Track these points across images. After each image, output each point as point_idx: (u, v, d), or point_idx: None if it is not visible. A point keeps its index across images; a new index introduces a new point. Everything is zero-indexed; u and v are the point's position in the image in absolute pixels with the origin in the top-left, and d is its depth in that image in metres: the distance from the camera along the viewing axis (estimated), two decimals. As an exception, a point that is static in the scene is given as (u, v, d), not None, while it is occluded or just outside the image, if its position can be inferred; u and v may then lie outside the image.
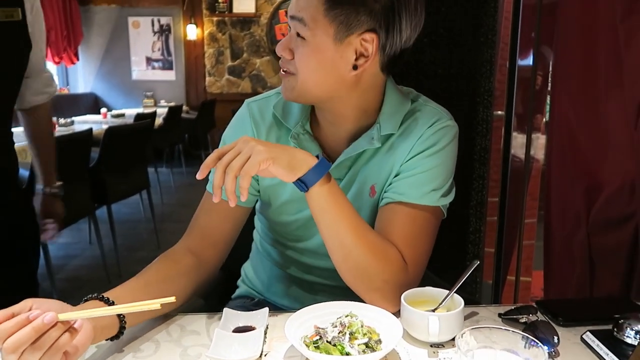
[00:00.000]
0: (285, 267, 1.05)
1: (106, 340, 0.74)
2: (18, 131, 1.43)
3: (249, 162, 0.74)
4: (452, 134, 0.92)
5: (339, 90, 0.86)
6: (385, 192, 0.92)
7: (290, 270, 1.04)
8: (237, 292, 1.15)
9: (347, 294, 0.85)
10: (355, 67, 0.84)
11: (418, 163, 0.89)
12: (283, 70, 0.88)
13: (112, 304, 0.74)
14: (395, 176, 0.91)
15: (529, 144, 1.68)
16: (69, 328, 0.63)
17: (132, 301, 0.70)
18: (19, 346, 0.60)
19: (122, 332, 0.75)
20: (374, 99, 0.91)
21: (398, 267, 0.84)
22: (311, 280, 1.02)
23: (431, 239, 0.91)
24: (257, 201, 1.02)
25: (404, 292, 0.80)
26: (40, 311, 0.62)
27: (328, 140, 0.95)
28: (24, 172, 1.53)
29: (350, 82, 0.86)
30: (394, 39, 0.83)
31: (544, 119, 1.70)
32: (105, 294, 0.76)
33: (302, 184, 0.80)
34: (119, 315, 0.74)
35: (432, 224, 0.91)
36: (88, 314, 0.65)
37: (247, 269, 1.16)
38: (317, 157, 0.81)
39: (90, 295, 0.75)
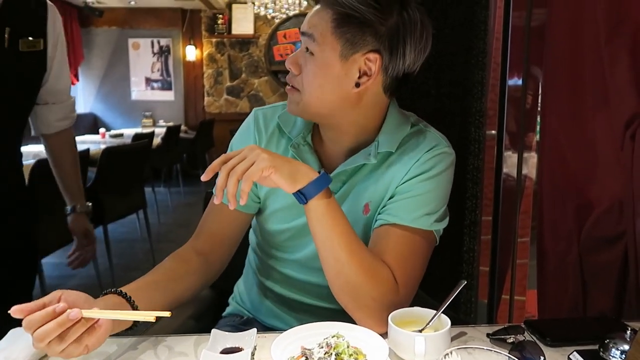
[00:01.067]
0: (271, 281, 1.05)
1: (122, 330, 0.80)
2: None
3: (252, 167, 0.78)
4: (449, 160, 0.94)
5: (341, 106, 0.90)
6: (379, 213, 0.93)
7: (277, 286, 1.04)
8: (227, 310, 1.16)
9: (332, 314, 0.86)
10: (357, 85, 0.88)
11: (413, 186, 0.91)
12: (289, 85, 0.92)
13: (129, 298, 0.82)
14: (390, 198, 0.92)
15: (520, 163, 1.70)
16: (93, 325, 0.71)
17: (147, 297, 0.83)
18: (46, 337, 0.67)
19: (136, 324, 0.82)
20: (375, 118, 0.94)
21: (389, 287, 0.85)
22: (296, 299, 1.02)
23: (423, 263, 0.92)
24: (259, 208, 1.04)
25: (392, 311, 0.81)
26: (65, 304, 0.70)
27: (327, 153, 0.97)
28: None
29: (353, 99, 0.89)
30: (397, 62, 0.87)
31: (536, 138, 1.72)
32: (122, 289, 0.83)
33: (302, 196, 0.82)
34: (134, 309, 0.81)
35: (425, 247, 0.92)
36: (108, 315, 0.73)
37: (239, 286, 1.16)
38: (319, 172, 0.84)
39: (108, 290, 0.82)
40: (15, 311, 0.69)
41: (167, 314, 0.74)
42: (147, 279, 0.90)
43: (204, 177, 0.80)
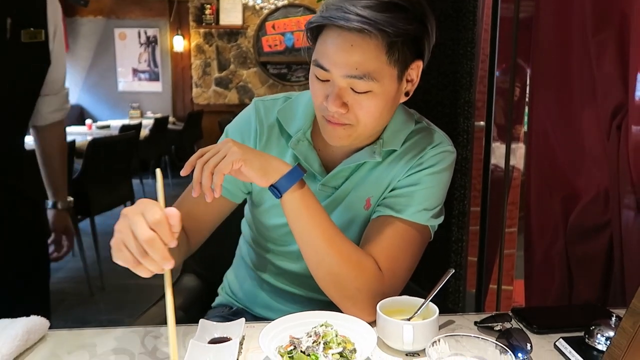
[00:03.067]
0: (266, 273, 1.05)
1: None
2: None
3: (223, 161, 0.78)
4: (451, 159, 0.95)
5: (390, 118, 0.90)
6: (378, 205, 0.93)
7: (272, 278, 1.04)
8: (217, 300, 1.15)
9: (327, 306, 0.85)
10: (407, 94, 0.89)
11: (415, 181, 0.91)
12: (332, 121, 0.85)
13: None
14: (391, 191, 0.92)
15: (508, 154, 1.71)
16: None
17: None
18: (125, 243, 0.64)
19: None
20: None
21: (372, 276, 0.85)
22: (292, 291, 1.02)
23: (415, 256, 0.93)
24: (244, 200, 1.03)
25: (379, 301, 0.81)
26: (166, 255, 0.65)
27: (328, 149, 0.95)
28: None
29: (396, 107, 0.90)
30: (426, 60, 0.88)
31: (523, 129, 1.73)
32: None
33: (276, 190, 0.82)
34: None
35: (419, 241, 0.92)
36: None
37: (229, 277, 1.15)
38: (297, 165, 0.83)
39: None
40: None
41: None
42: None
43: (183, 172, 0.80)
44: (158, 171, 0.71)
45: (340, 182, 0.95)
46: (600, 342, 0.75)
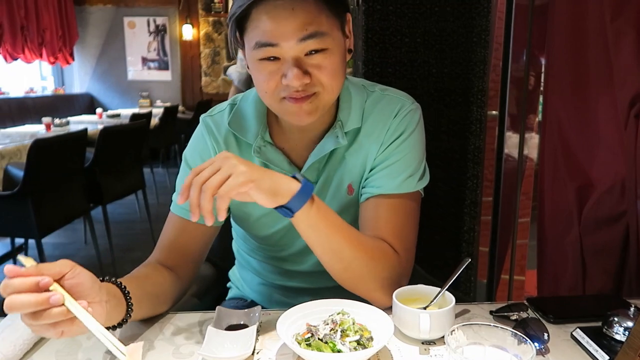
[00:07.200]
0: (267, 277, 1.04)
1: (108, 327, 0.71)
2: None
3: (229, 182, 0.69)
4: (417, 116, 0.92)
5: (344, 79, 0.85)
6: (363, 187, 0.92)
7: (273, 279, 1.04)
8: (230, 294, 1.16)
9: (332, 293, 0.84)
10: (350, 51, 0.85)
11: (390, 154, 0.89)
12: (296, 98, 0.79)
13: (124, 289, 0.74)
14: (370, 170, 0.91)
15: (522, 144, 1.69)
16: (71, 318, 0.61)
17: (139, 300, 0.75)
18: (15, 308, 0.58)
19: (124, 322, 0.74)
20: None
21: (393, 261, 0.85)
22: (295, 286, 1.02)
23: (415, 224, 0.92)
24: (228, 217, 0.98)
25: (402, 282, 0.81)
26: (51, 280, 0.61)
27: (292, 146, 0.92)
28: (17, 172, 1.50)
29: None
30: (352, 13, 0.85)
31: (537, 119, 1.71)
32: (121, 281, 0.75)
33: (287, 210, 0.75)
34: (128, 304, 0.73)
35: (414, 209, 0.92)
36: (85, 321, 0.62)
37: (235, 274, 1.15)
38: (296, 178, 0.76)
39: (107, 278, 0.74)
40: (8, 270, 0.60)
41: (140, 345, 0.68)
42: (139, 284, 0.80)
43: (180, 200, 0.70)
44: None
45: (316, 176, 0.92)
46: (619, 333, 0.74)
